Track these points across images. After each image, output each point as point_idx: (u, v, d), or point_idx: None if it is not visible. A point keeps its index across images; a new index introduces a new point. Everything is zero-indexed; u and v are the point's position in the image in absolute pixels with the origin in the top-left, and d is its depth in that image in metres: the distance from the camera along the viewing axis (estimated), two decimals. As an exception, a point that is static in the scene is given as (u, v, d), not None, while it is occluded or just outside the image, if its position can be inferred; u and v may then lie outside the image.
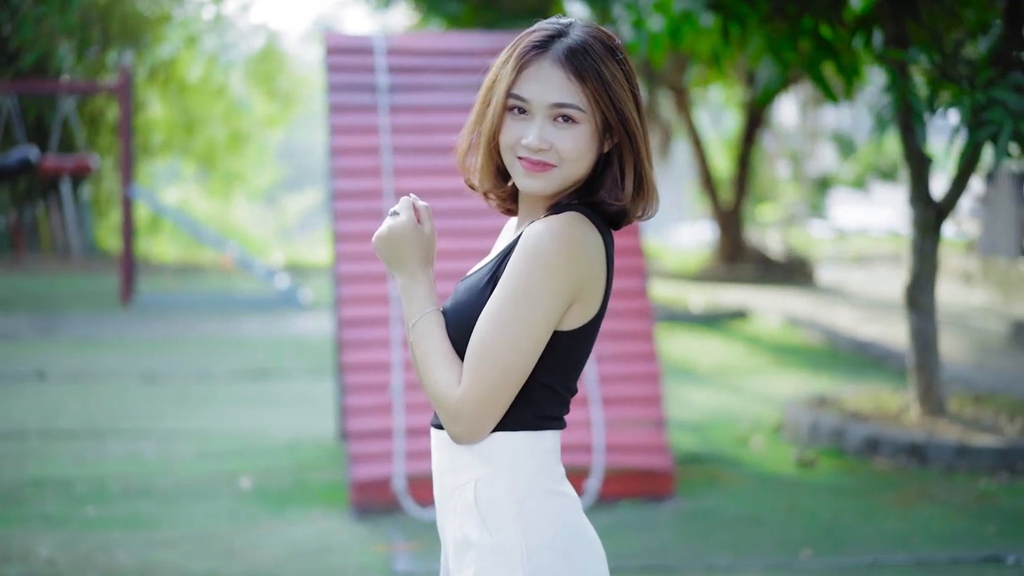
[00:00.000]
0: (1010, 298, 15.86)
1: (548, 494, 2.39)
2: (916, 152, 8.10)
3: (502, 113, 2.39)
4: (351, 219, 7.14)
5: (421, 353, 2.39)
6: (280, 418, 9.13)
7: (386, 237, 2.45)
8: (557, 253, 2.29)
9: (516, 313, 2.29)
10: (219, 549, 6.11)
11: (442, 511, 2.49)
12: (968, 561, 5.89)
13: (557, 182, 2.38)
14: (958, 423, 8.05)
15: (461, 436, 2.35)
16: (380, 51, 7.42)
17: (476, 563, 2.36)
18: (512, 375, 2.31)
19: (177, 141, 21.95)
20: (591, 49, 2.34)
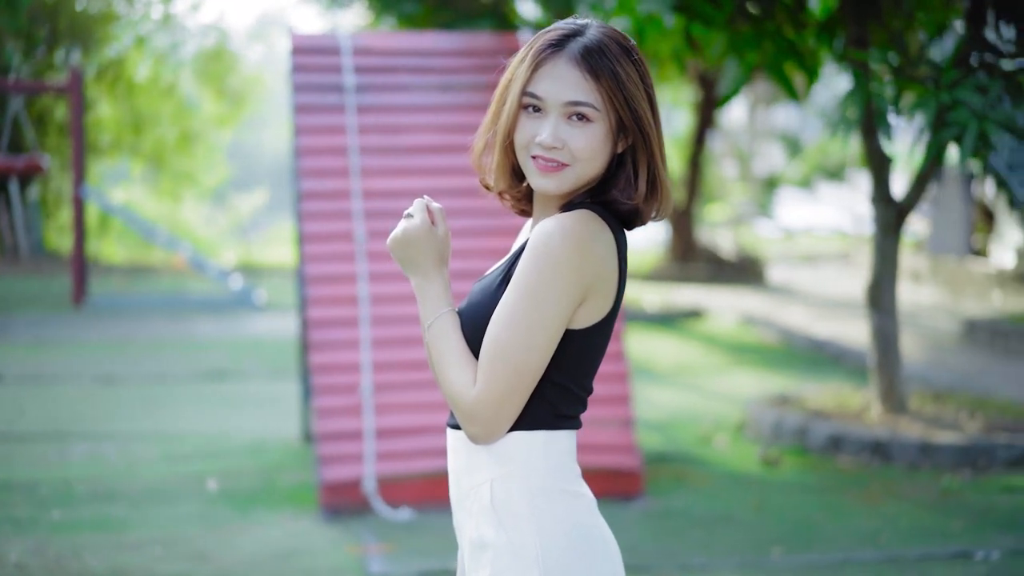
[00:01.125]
0: (959, 296, 16.04)
1: (563, 494, 2.39)
2: (877, 152, 8.18)
3: (517, 111, 2.39)
4: (318, 220, 7.11)
5: (437, 354, 2.39)
6: (242, 420, 9.08)
7: (401, 239, 2.45)
8: (566, 250, 2.29)
9: (527, 312, 2.29)
10: (189, 552, 6.08)
11: (458, 511, 2.49)
12: (937, 557, 5.95)
13: (570, 182, 2.38)
14: (920, 421, 8.13)
15: (478, 436, 2.36)
16: (346, 51, 7.39)
17: (492, 563, 2.36)
18: (526, 374, 2.31)
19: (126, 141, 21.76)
20: (607, 49, 2.34)
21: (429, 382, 6.95)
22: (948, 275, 16.67)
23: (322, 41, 7.57)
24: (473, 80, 7.55)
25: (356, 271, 7.02)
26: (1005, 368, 10.85)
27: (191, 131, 22.17)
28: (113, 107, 21.84)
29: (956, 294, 16.15)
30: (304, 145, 7.20)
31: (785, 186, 34.41)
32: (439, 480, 6.79)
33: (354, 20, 17.72)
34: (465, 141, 7.74)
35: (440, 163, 7.34)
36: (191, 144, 22.15)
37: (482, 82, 7.55)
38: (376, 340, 6.94)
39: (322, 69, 7.39)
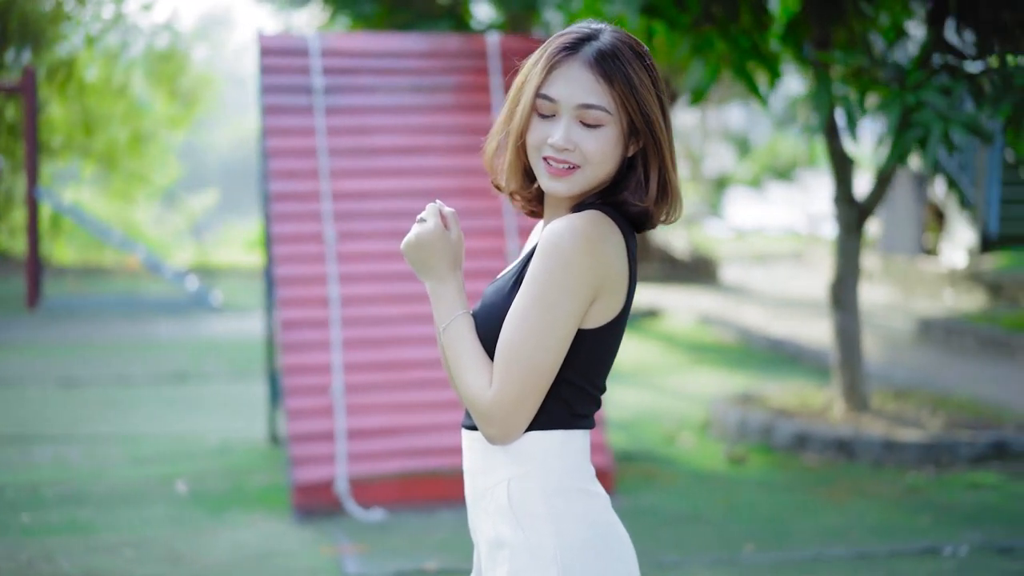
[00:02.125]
0: (911, 295, 16.21)
1: (579, 493, 2.42)
2: (839, 153, 8.28)
3: (530, 113, 2.42)
4: (288, 221, 7.11)
5: (453, 356, 2.41)
6: (208, 422, 9.05)
7: (414, 244, 2.47)
8: (575, 249, 2.32)
9: (539, 312, 2.32)
10: (163, 554, 6.06)
11: (474, 511, 2.51)
12: (907, 553, 6.03)
13: (581, 184, 2.41)
14: (882, 418, 8.23)
15: (495, 437, 2.39)
16: (315, 52, 7.39)
17: (509, 562, 2.39)
18: (540, 374, 2.34)
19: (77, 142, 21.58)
20: (620, 53, 2.37)
21: (400, 383, 6.97)
22: (900, 274, 16.84)
23: (290, 42, 7.56)
24: (441, 81, 7.58)
25: (326, 272, 7.02)
26: (961, 366, 10.99)
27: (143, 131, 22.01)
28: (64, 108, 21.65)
29: (908, 293, 16.32)
30: (273, 147, 7.19)
31: (735, 186, 34.63)
32: (411, 481, 6.81)
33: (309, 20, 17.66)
34: (434, 142, 7.78)
35: (409, 164, 7.36)
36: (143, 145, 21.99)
37: (450, 83, 7.58)
38: (347, 341, 6.95)
39: (290, 70, 7.39)
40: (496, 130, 2.52)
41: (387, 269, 7.15)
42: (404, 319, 7.08)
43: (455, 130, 7.48)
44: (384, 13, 14.15)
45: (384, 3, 14.12)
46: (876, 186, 8.23)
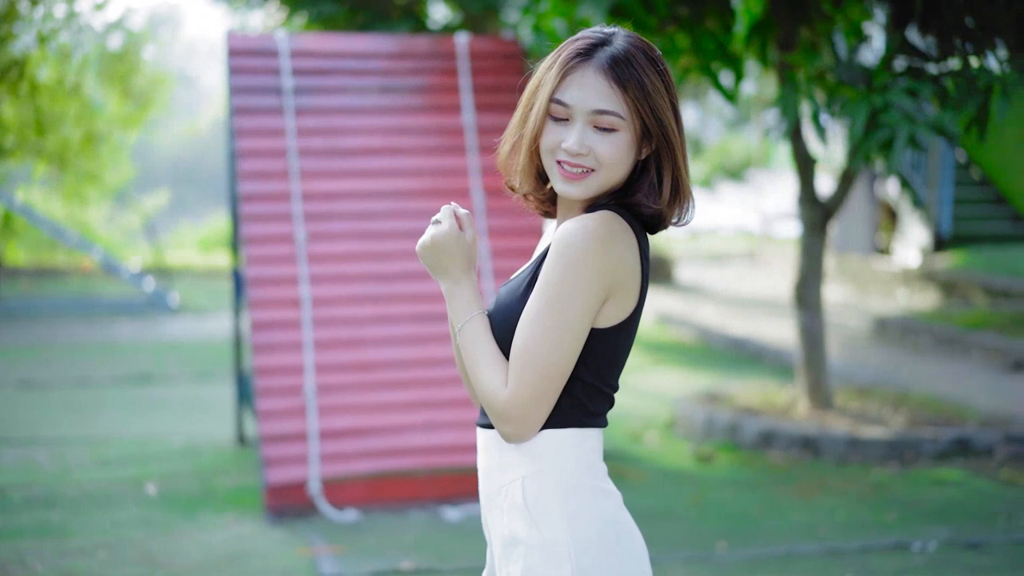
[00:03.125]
0: (865, 294, 16.36)
1: (594, 491, 2.46)
2: (803, 154, 8.37)
3: (544, 117, 2.45)
4: (260, 222, 7.11)
5: (469, 356, 2.44)
6: (173, 423, 9.03)
7: (430, 246, 2.50)
8: (588, 250, 2.35)
9: (554, 312, 2.35)
10: (137, 556, 6.05)
11: (488, 509, 2.54)
12: (877, 549, 6.11)
13: (594, 188, 2.44)
14: (846, 416, 8.32)
15: (511, 436, 2.42)
16: (284, 53, 7.39)
17: (524, 559, 2.42)
18: (555, 374, 2.37)
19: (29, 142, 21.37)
20: (634, 59, 2.41)
21: (372, 384, 6.99)
22: (854, 274, 16.99)
23: (259, 43, 7.56)
24: (411, 83, 7.59)
25: (297, 273, 7.03)
26: (918, 364, 11.11)
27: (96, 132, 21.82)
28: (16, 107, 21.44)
29: (862, 292, 16.47)
30: (244, 147, 7.19)
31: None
32: (383, 481, 6.83)
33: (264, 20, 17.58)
34: (404, 143, 7.81)
35: (380, 165, 7.38)
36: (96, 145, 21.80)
37: (420, 84, 7.60)
38: (318, 342, 6.96)
39: (260, 71, 7.39)
40: (510, 132, 2.55)
41: (358, 270, 7.16)
42: (375, 320, 7.09)
43: (425, 131, 7.50)
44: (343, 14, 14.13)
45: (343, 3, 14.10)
46: (839, 186, 8.33)
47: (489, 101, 7.59)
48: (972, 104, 6.82)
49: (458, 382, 7.05)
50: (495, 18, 13.54)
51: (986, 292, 14.08)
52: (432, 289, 7.20)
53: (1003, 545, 6.15)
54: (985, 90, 6.84)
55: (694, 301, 17.19)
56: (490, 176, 7.40)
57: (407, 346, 7.08)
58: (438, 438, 6.92)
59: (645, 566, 2.49)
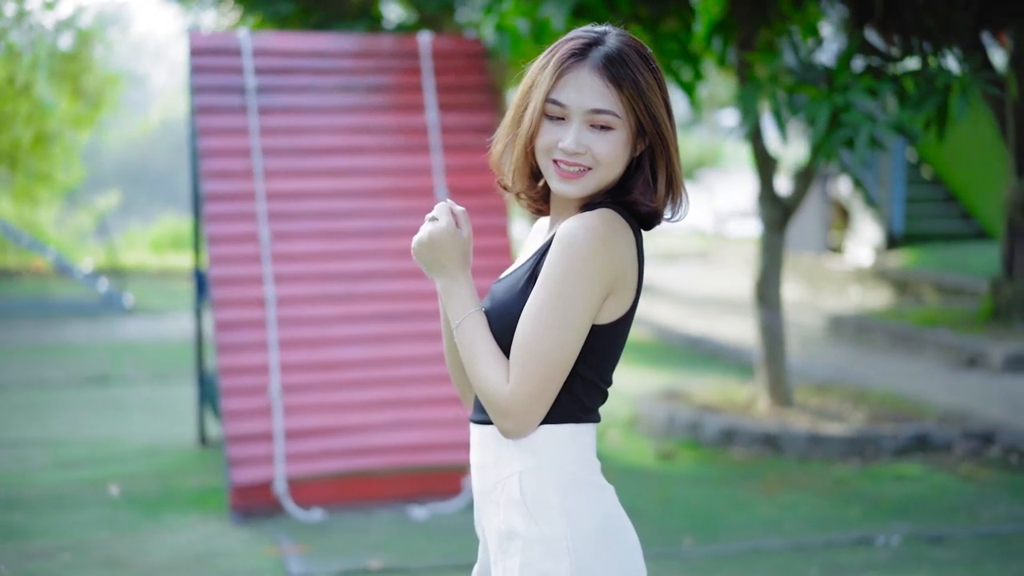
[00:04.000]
0: (818, 292, 16.48)
1: (591, 486, 2.48)
2: (763, 153, 8.43)
3: (540, 117, 2.46)
4: (223, 221, 7.08)
5: (467, 353, 2.45)
6: (132, 424, 8.97)
7: (427, 243, 2.51)
8: (591, 247, 2.38)
9: (556, 308, 2.37)
10: (101, 557, 6.02)
11: (483, 504, 2.55)
12: (841, 544, 6.17)
13: (591, 186, 2.46)
14: (806, 413, 8.39)
15: (511, 431, 2.43)
16: (246, 52, 7.37)
17: (522, 553, 2.43)
18: (557, 369, 2.39)
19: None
20: (627, 58, 2.43)
21: (337, 383, 6.98)
22: (807, 272, 17.12)
23: (221, 41, 7.54)
24: (374, 81, 7.59)
25: (262, 273, 7.01)
26: (873, 361, 11.21)
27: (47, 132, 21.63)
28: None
29: (815, 290, 16.59)
30: (207, 147, 7.16)
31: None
32: (349, 480, 6.83)
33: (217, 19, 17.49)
34: (367, 142, 7.80)
35: (344, 164, 7.37)
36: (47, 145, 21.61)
37: (383, 83, 7.60)
38: (283, 342, 6.94)
39: (222, 70, 7.36)
40: (502, 132, 2.56)
41: (323, 269, 7.15)
42: (340, 319, 7.09)
43: (388, 130, 7.50)
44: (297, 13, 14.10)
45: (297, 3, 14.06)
46: (798, 185, 8.39)
47: (452, 100, 7.60)
48: (931, 103, 6.90)
49: (424, 381, 7.05)
50: (451, 18, 13.54)
51: (938, 290, 14.23)
52: (397, 288, 7.20)
53: (965, 539, 6.23)
54: (944, 90, 6.93)
55: (650, 300, 17.24)
56: (454, 175, 7.41)
57: (372, 345, 7.08)
58: (404, 437, 6.92)
59: (640, 560, 2.51)
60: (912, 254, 16.16)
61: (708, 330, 13.18)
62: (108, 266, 19.34)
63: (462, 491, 6.90)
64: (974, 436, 8.01)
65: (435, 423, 6.98)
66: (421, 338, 7.13)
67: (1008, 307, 11.14)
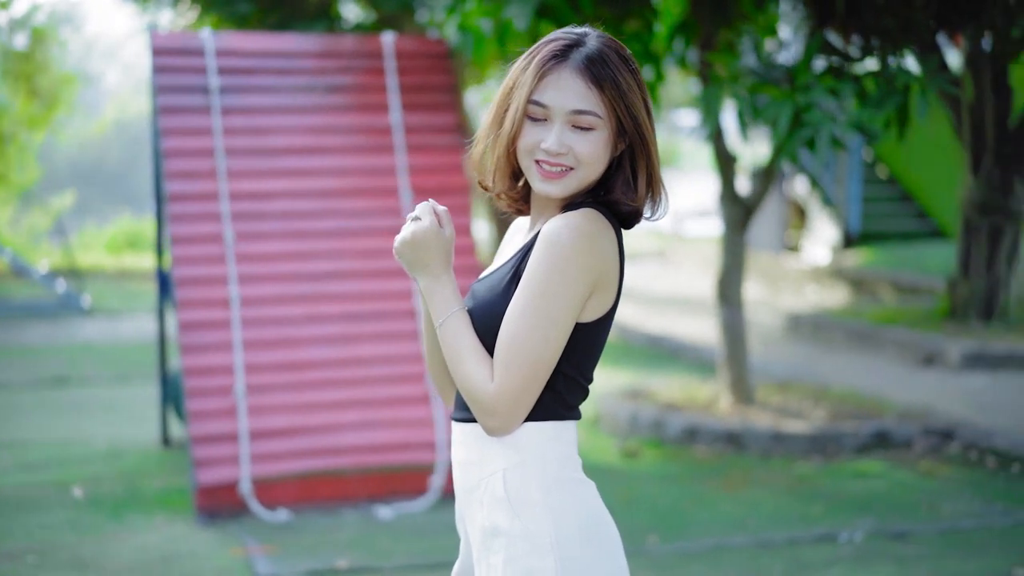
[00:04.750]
0: (776, 291, 16.59)
1: (573, 483, 2.51)
2: (724, 153, 8.48)
3: (522, 118, 2.49)
4: (187, 222, 7.06)
5: (451, 351, 2.47)
6: (94, 426, 8.92)
7: (410, 242, 2.53)
8: (576, 246, 2.40)
9: (541, 306, 2.40)
10: (67, 559, 5.99)
11: (466, 502, 2.57)
12: (805, 540, 6.23)
13: (573, 186, 2.49)
14: (768, 411, 8.46)
15: (496, 429, 2.45)
16: (209, 52, 7.35)
17: (506, 549, 2.45)
18: (541, 367, 2.42)
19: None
20: (608, 59, 2.46)
21: (302, 383, 6.98)
22: (764, 271, 17.22)
23: (184, 41, 7.51)
24: (338, 82, 7.59)
25: (226, 273, 6.99)
26: (831, 359, 11.31)
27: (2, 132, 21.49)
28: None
29: (773, 289, 16.70)
30: (170, 147, 7.14)
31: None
32: (315, 480, 6.83)
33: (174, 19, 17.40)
34: (331, 143, 7.79)
35: (307, 165, 7.36)
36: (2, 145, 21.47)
37: (347, 84, 7.60)
38: (248, 342, 6.93)
39: (185, 70, 7.34)
40: (483, 133, 2.59)
41: (287, 269, 7.15)
42: (305, 319, 7.08)
43: (352, 130, 7.50)
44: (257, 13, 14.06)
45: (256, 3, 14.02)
46: (760, 184, 8.46)
47: (416, 100, 7.61)
48: (892, 103, 6.97)
49: (390, 381, 7.06)
50: (410, 18, 13.54)
51: (895, 288, 14.36)
52: (362, 288, 7.20)
53: (927, 535, 6.30)
54: (904, 90, 7.00)
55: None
56: (418, 175, 7.42)
57: (337, 345, 7.08)
58: (369, 437, 6.92)
59: (621, 555, 2.54)
60: (869, 253, 16.29)
61: (668, 329, 13.25)
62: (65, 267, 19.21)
63: (428, 491, 6.91)
64: (934, 433, 8.09)
65: (401, 423, 6.99)
66: (386, 338, 7.14)
67: (964, 305, 11.25)
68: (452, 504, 6.82)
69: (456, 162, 7.53)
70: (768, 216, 18.05)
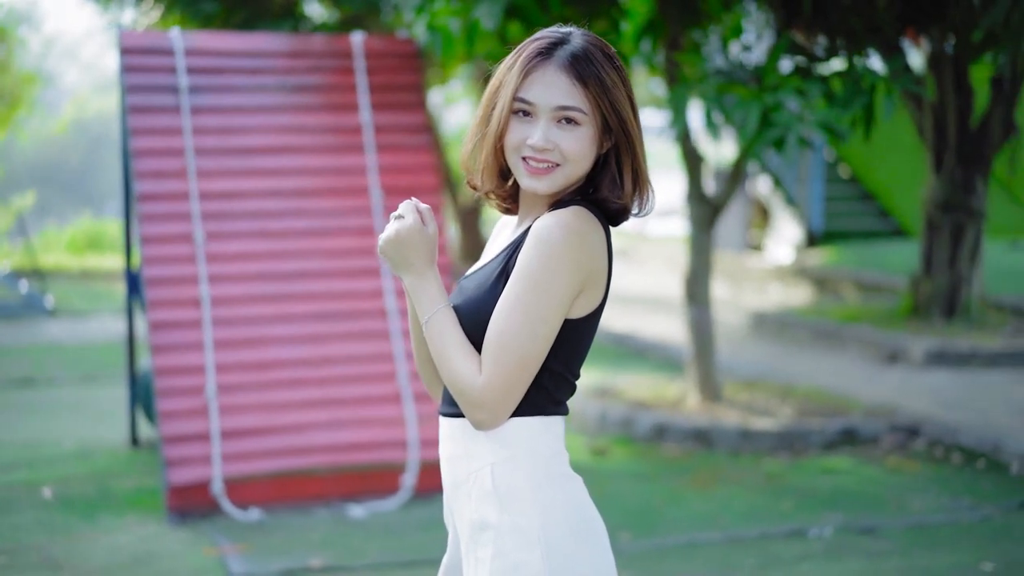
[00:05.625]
0: (739, 290, 16.68)
1: (562, 478, 2.54)
2: (692, 152, 8.53)
3: (509, 115, 2.51)
4: (157, 222, 7.04)
5: (439, 347, 2.49)
6: (62, 427, 8.88)
7: (394, 240, 2.55)
8: (567, 243, 2.43)
9: (531, 302, 2.42)
10: (39, 560, 5.97)
11: (454, 497, 2.59)
12: (775, 536, 6.29)
13: (560, 182, 2.52)
14: (736, 408, 8.52)
15: (484, 423, 2.48)
16: (179, 51, 7.34)
17: (494, 543, 2.48)
18: (530, 362, 2.44)
19: None
20: (592, 56, 2.49)
21: (273, 382, 6.98)
22: (728, 270, 17.32)
23: (153, 41, 7.49)
24: (308, 81, 7.59)
25: (197, 273, 6.98)
26: (796, 357, 11.39)
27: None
28: None
29: (737, 288, 16.79)
30: (139, 147, 7.12)
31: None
32: (287, 480, 6.83)
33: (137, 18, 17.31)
34: (301, 142, 7.79)
35: (277, 164, 7.36)
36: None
37: (317, 83, 7.60)
38: (218, 342, 6.93)
39: (155, 69, 7.32)
40: (471, 133, 2.61)
41: (257, 269, 7.15)
42: (276, 319, 7.08)
43: (322, 130, 7.50)
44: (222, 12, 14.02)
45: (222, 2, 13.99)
46: (727, 183, 8.51)
47: (385, 100, 7.62)
48: (858, 103, 7.04)
49: (360, 380, 7.07)
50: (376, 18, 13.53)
51: (857, 287, 14.48)
52: (332, 287, 7.21)
53: (895, 530, 6.37)
54: (870, 90, 7.08)
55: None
56: (388, 175, 7.43)
57: (308, 345, 7.08)
58: (341, 436, 6.93)
59: (608, 548, 2.57)
60: (831, 252, 16.41)
61: (635, 328, 13.30)
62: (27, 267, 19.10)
63: (400, 489, 6.93)
64: (900, 429, 8.18)
65: (372, 422, 7.00)
66: (357, 337, 7.15)
67: (927, 303, 11.36)
68: (424, 502, 6.85)
69: (426, 161, 7.54)
70: (732, 216, 18.15)
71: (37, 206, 33.46)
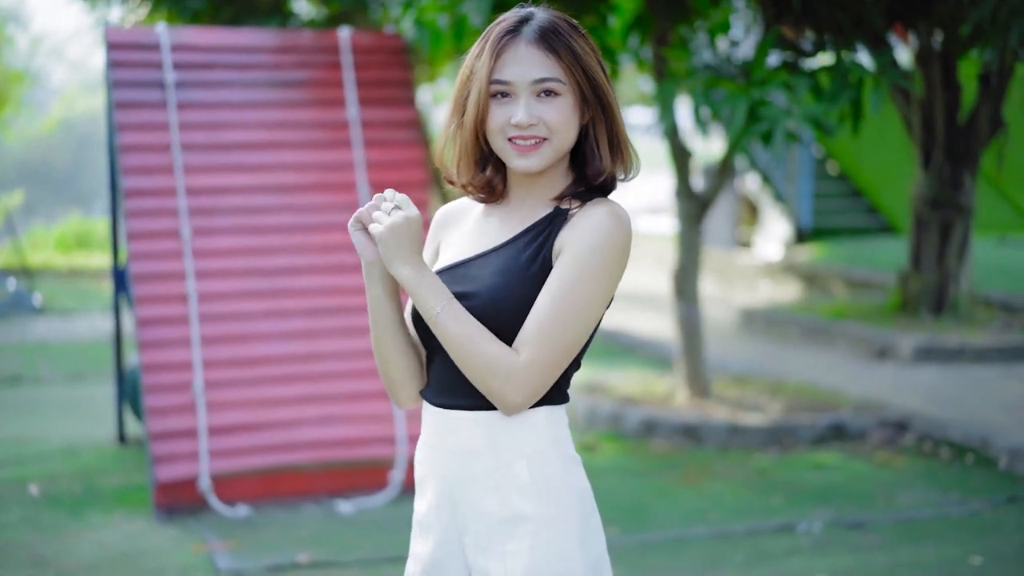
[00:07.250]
0: (728, 287, 16.69)
1: (576, 462, 2.59)
2: (679, 148, 8.53)
3: (487, 100, 2.50)
4: (144, 217, 7.02)
5: (463, 333, 2.44)
6: (49, 424, 8.86)
7: (403, 227, 2.47)
8: (623, 238, 2.47)
9: (586, 291, 2.43)
10: (27, 558, 5.95)
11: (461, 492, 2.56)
12: (764, 531, 6.28)
13: (549, 156, 2.51)
14: (725, 404, 8.51)
15: (518, 405, 2.45)
16: (165, 47, 7.31)
17: (533, 536, 2.48)
18: (572, 348, 2.45)
19: None
20: (559, 27, 2.50)
21: (261, 378, 6.96)
22: (717, 267, 17.32)
23: (139, 36, 7.47)
24: (295, 77, 7.57)
25: (184, 269, 6.96)
26: (786, 353, 11.39)
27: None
28: None
29: (726, 285, 16.80)
30: (126, 142, 7.10)
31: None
32: (275, 476, 6.81)
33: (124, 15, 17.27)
34: (288, 138, 7.77)
35: (264, 160, 7.34)
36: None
37: (304, 79, 7.58)
38: (206, 338, 6.91)
39: (141, 65, 7.30)
40: (445, 126, 2.60)
41: (245, 265, 7.13)
42: (263, 315, 7.06)
43: (309, 126, 7.48)
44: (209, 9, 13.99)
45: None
46: (715, 179, 8.51)
47: (373, 95, 7.60)
48: (846, 97, 7.04)
49: (349, 376, 7.05)
50: (363, 14, 13.51)
51: (846, 283, 14.48)
52: (320, 283, 7.19)
53: (884, 524, 6.37)
54: (857, 84, 7.08)
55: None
56: (375, 170, 7.41)
57: (296, 341, 7.06)
58: (329, 432, 6.92)
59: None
60: (820, 249, 16.42)
61: (624, 324, 13.29)
62: (15, 266, 19.05)
63: (389, 485, 6.91)
64: (888, 425, 8.18)
65: (361, 418, 6.99)
66: (346, 333, 7.13)
67: (916, 299, 11.37)
68: (412, 498, 6.82)
69: (415, 157, 7.53)
70: (720, 212, 18.15)
71: (25, 205, 33.39)
